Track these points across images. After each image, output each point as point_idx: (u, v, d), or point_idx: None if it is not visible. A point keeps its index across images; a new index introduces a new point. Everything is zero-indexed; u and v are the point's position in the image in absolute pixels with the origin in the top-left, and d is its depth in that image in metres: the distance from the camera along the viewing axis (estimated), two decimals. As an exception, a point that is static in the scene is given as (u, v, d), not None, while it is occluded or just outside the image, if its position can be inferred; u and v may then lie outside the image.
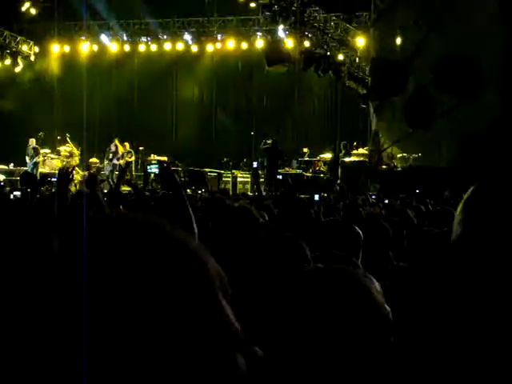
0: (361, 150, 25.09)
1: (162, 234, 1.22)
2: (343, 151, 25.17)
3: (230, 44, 28.08)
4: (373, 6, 24.72)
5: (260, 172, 22.82)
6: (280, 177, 23.73)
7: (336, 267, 2.13)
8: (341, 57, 25.78)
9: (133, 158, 26.23)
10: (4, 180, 23.70)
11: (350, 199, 12.05)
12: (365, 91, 25.54)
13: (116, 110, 29.89)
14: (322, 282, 2.04)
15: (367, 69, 25.24)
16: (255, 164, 24.87)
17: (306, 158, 26.06)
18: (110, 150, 26.05)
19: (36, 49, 30.24)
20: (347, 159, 24.54)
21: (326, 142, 27.17)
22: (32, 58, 30.14)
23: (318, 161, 25.48)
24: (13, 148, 26.97)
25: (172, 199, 5.18)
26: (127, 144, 26.51)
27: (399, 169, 23.27)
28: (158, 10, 28.14)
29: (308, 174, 24.58)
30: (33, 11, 28.28)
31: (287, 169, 25.17)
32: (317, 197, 12.61)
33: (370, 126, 24.73)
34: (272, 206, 7.34)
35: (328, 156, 25.61)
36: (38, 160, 25.88)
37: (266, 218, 6.23)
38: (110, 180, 24.43)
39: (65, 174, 5.95)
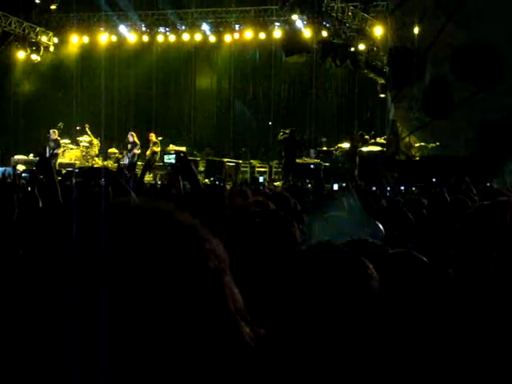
0: (379, 140, 25.07)
1: (169, 219, 1.29)
2: (360, 141, 25.15)
3: (248, 34, 28.08)
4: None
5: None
6: (312, 166, 23.78)
7: (329, 245, 2.17)
8: (359, 46, 25.74)
9: (158, 149, 26.17)
10: (24, 170, 23.85)
11: (365, 189, 12.07)
12: (383, 81, 25.51)
13: (135, 100, 29.99)
14: (314, 260, 2.09)
15: (385, 58, 25.20)
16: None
17: (324, 148, 26.08)
18: (127, 140, 26.16)
19: (55, 40, 30.38)
20: (365, 149, 24.52)
21: (343, 131, 27.17)
22: (51, 48, 30.28)
23: (336, 150, 25.49)
24: (32, 138, 27.16)
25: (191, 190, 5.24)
26: (153, 135, 26.56)
27: (417, 158, 23.23)
28: (176, 1, 28.24)
29: (326, 164, 24.59)
30: (52, 3, 28.43)
31: (305, 158, 25.21)
32: (336, 186, 12.61)
33: (388, 116, 24.70)
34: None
35: (346, 145, 25.61)
36: (58, 152, 26.05)
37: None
38: (126, 170, 24.49)
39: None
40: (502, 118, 20.87)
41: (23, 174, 12.60)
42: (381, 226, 5.14)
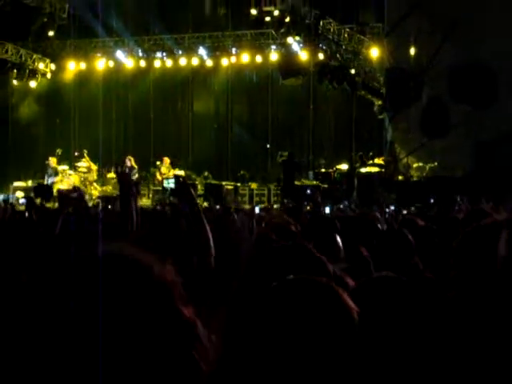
0: (377, 161, 25.11)
1: (132, 265, 1.44)
2: (359, 162, 25.20)
3: (245, 58, 28.21)
4: (386, 17, 24.80)
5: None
6: (309, 191, 23.80)
7: (305, 278, 2.17)
8: (355, 68, 25.85)
9: (170, 173, 26.16)
10: (23, 197, 23.89)
11: (364, 211, 12.08)
12: (380, 102, 25.60)
13: (132, 125, 30.06)
14: (292, 292, 2.09)
15: (382, 79, 25.31)
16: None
17: (323, 170, 26.11)
18: (125, 165, 26.19)
19: (52, 66, 30.47)
20: (363, 170, 24.56)
21: (341, 153, 27.20)
22: (48, 75, 30.38)
23: (334, 172, 25.51)
24: (31, 165, 27.19)
25: (188, 213, 5.26)
26: (167, 159, 26.66)
27: (415, 179, 23.27)
28: (173, 26, 28.37)
29: (324, 186, 24.60)
30: (49, 30, 28.56)
31: (304, 180, 25.23)
32: (327, 209, 12.65)
33: (386, 137, 24.77)
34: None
35: (344, 167, 25.64)
36: (56, 180, 26.08)
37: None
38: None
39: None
40: (499, 137, 20.96)
41: (20, 200, 12.66)
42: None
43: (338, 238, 4.78)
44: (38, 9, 28.44)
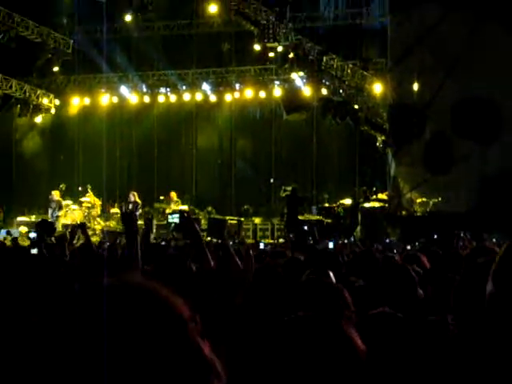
0: (380, 196, 25.11)
1: (146, 295, 1.39)
2: (362, 197, 25.20)
3: (249, 93, 28.37)
4: (389, 53, 24.93)
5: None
6: (305, 227, 23.79)
7: (310, 315, 2.16)
8: (358, 103, 25.96)
9: (178, 208, 26.21)
10: (26, 232, 23.87)
11: (368, 246, 12.06)
12: (383, 137, 25.67)
13: (136, 160, 30.13)
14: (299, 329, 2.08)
15: (385, 115, 25.40)
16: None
17: (326, 204, 26.10)
18: (129, 200, 26.21)
19: (56, 101, 30.62)
20: (367, 205, 24.55)
21: (345, 187, 27.22)
22: (52, 110, 30.51)
23: (337, 206, 25.50)
24: (35, 200, 27.23)
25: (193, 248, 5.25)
26: (174, 194, 26.72)
27: (419, 214, 23.24)
28: (177, 61, 28.55)
29: (328, 220, 24.59)
30: (53, 66, 28.73)
31: (307, 215, 25.22)
32: (331, 244, 12.62)
33: (389, 172, 24.79)
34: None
35: (347, 202, 25.64)
36: (60, 214, 26.10)
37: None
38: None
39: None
40: (502, 172, 20.97)
41: (30, 235, 12.67)
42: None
43: (331, 274, 4.77)
44: (42, 45, 28.61)
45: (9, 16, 26.81)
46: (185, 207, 25.88)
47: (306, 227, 23.61)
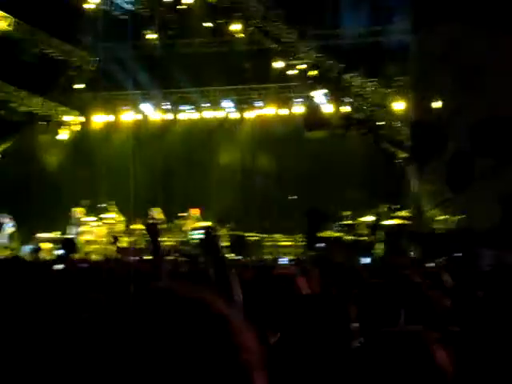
0: (402, 213, 25.05)
1: (204, 310, 1.31)
2: (384, 214, 25.15)
3: (270, 110, 28.48)
4: (411, 70, 24.95)
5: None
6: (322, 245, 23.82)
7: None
8: (380, 121, 25.97)
9: (198, 224, 26.36)
10: (51, 248, 24.02)
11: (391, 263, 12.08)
12: (405, 154, 25.65)
13: (159, 177, 30.20)
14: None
15: (406, 132, 25.39)
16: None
17: (347, 222, 26.06)
18: (151, 216, 26.31)
19: (80, 118, 30.85)
20: (388, 222, 24.51)
21: (366, 205, 27.16)
22: (76, 127, 30.74)
23: (359, 224, 25.47)
24: (56, 216, 27.36)
25: (214, 265, 5.28)
26: (194, 210, 26.87)
27: (440, 231, 23.19)
28: (199, 79, 28.70)
29: (349, 238, 24.57)
30: (77, 83, 28.97)
31: (328, 232, 25.21)
32: (368, 260, 12.58)
33: (411, 189, 24.76)
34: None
35: (368, 219, 25.59)
36: (82, 230, 26.25)
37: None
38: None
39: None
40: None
41: (56, 251, 12.80)
42: None
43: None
44: (65, 62, 28.89)
45: (32, 33, 27.08)
46: (207, 224, 25.94)
47: (323, 244, 23.68)
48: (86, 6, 24.60)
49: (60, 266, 11.40)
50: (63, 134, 30.53)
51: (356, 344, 2.17)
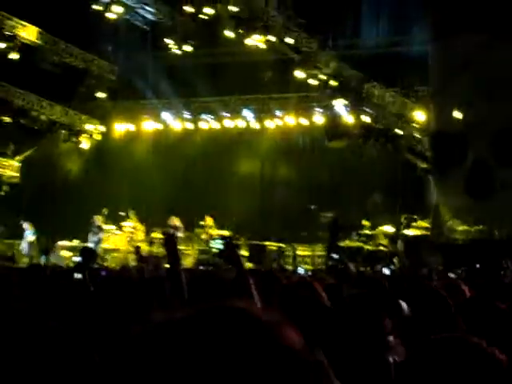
0: (422, 223, 24.98)
1: (267, 335, 1.13)
2: (404, 224, 25.09)
3: (290, 120, 28.52)
4: (430, 80, 24.92)
5: None
6: (335, 255, 23.82)
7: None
8: (400, 131, 25.94)
9: (214, 232, 26.49)
10: (70, 257, 24.16)
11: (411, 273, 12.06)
12: (425, 164, 25.60)
13: (179, 185, 30.23)
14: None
15: (426, 142, 25.34)
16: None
17: (367, 231, 26.02)
18: (170, 224, 26.37)
19: (101, 127, 31.03)
20: (408, 232, 24.45)
21: (386, 215, 27.08)
22: (97, 136, 30.93)
23: (378, 234, 25.42)
24: (77, 224, 27.48)
25: (236, 275, 5.28)
26: (211, 219, 26.97)
27: (461, 242, 23.11)
28: (219, 88, 28.78)
29: (368, 247, 24.54)
30: (98, 92, 29.13)
31: (348, 242, 25.19)
32: (387, 271, 12.58)
33: (431, 199, 24.70)
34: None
35: (388, 229, 25.54)
36: (101, 237, 26.38)
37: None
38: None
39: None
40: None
41: (74, 259, 12.83)
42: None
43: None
44: (86, 71, 29.08)
45: (54, 42, 27.29)
46: (226, 233, 25.98)
47: (335, 255, 23.67)
48: (107, 15, 24.72)
49: (79, 275, 11.42)
50: (84, 143, 30.70)
51: (392, 357, 2.17)
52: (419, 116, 25.51)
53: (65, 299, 5.70)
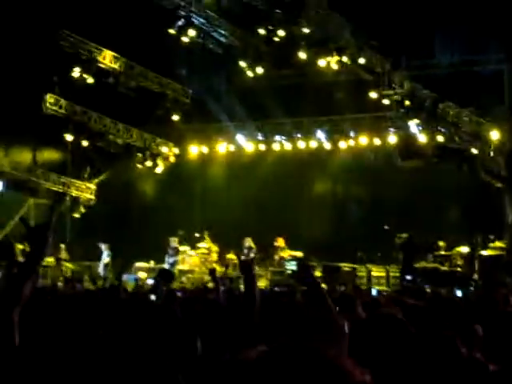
0: (498, 244, 24.64)
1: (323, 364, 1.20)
2: (480, 245, 24.78)
3: (363, 140, 28.47)
4: (506, 100, 24.66)
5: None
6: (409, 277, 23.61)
7: None
8: (474, 150, 25.66)
9: (286, 254, 26.62)
10: (145, 278, 24.45)
11: (486, 294, 11.90)
12: (500, 184, 25.27)
13: (252, 207, 30.37)
14: None
15: (502, 162, 25.03)
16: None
17: (442, 252, 25.75)
18: (243, 245, 26.52)
19: (175, 150, 31.43)
20: (484, 253, 24.14)
21: (461, 235, 26.77)
22: (172, 159, 31.32)
23: (454, 254, 25.14)
24: (153, 246, 27.80)
25: (311, 296, 5.28)
26: (282, 240, 27.08)
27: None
28: (291, 110, 28.89)
29: (445, 268, 24.28)
30: (173, 115, 29.51)
31: (423, 263, 24.97)
32: (459, 293, 12.42)
33: (507, 219, 24.37)
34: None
35: (464, 249, 25.23)
36: (177, 259, 26.66)
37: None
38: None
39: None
40: None
41: (148, 281, 13.02)
42: None
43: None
44: (161, 94, 29.50)
45: (130, 67, 27.78)
46: (299, 254, 25.98)
47: (409, 276, 23.46)
48: (182, 39, 25.05)
49: (154, 297, 11.57)
50: (159, 165, 31.09)
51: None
52: (495, 135, 25.21)
53: (143, 320, 5.79)
